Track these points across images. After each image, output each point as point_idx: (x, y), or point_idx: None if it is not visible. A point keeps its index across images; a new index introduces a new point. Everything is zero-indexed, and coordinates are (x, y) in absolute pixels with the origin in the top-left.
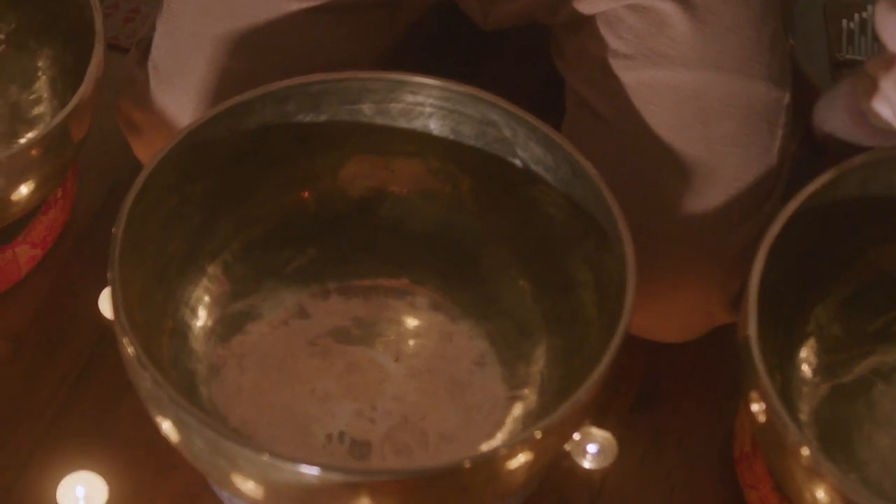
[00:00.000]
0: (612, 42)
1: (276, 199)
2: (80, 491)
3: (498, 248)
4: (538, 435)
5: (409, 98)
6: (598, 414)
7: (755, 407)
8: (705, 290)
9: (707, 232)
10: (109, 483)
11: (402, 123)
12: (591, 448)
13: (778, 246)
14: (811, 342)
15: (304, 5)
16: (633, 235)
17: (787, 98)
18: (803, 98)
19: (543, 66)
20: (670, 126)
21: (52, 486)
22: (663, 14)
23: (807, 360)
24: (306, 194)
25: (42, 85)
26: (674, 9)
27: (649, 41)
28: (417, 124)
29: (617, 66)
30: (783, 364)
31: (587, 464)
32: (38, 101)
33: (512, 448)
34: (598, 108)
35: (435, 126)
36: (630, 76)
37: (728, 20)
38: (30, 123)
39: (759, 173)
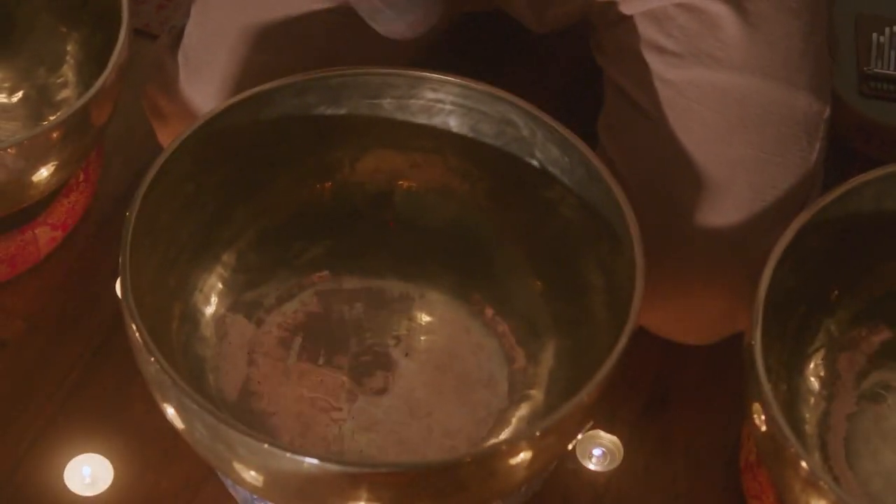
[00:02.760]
0: (660, 39)
1: (293, 190)
2: (86, 472)
3: (512, 247)
4: (538, 433)
5: (430, 95)
6: (606, 417)
7: (757, 416)
8: (730, 294)
9: (737, 236)
10: (115, 466)
11: (422, 120)
12: (597, 451)
13: (789, 256)
14: (821, 354)
15: (336, 5)
16: (662, 230)
17: (827, 112)
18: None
19: (566, 69)
20: (713, 127)
21: (60, 466)
22: (716, 16)
23: (815, 373)
24: (323, 186)
25: (69, 69)
26: (727, 12)
27: (699, 41)
28: (437, 121)
29: (663, 62)
30: (791, 375)
31: (592, 466)
32: (64, 85)
33: (512, 446)
34: (640, 101)
35: (454, 124)
36: (676, 74)
37: (779, 29)
38: (55, 107)
39: (795, 183)
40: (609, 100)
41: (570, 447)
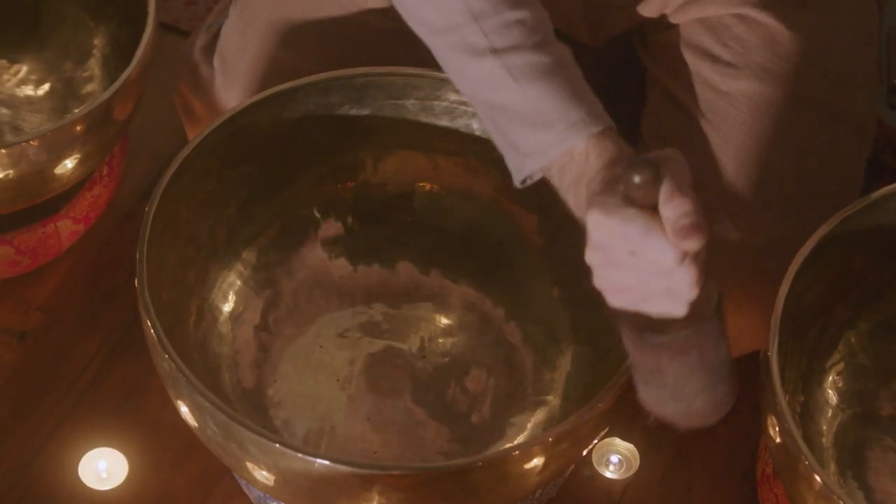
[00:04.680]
0: (714, 47)
1: (315, 189)
2: (101, 466)
3: (532, 252)
4: (551, 439)
5: (453, 97)
6: (623, 425)
7: (772, 428)
8: (760, 308)
9: (775, 250)
10: (130, 461)
11: (445, 122)
12: (614, 458)
13: (809, 267)
14: (839, 368)
15: (382, 24)
16: None
17: (873, 131)
18: None
19: (586, 71)
20: (763, 140)
21: (75, 459)
22: (773, 30)
23: (833, 386)
24: (345, 186)
25: (95, 63)
26: (784, 27)
27: (754, 54)
28: (460, 123)
29: (716, 70)
30: (809, 387)
31: (608, 473)
32: (90, 79)
33: (524, 451)
34: (688, 106)
35: (477, 126)
36: (729, 84)
37: (836, 48)
38: (81, 100)
39: (836, 201)
40: (654, 100)
41: (585, 454)
